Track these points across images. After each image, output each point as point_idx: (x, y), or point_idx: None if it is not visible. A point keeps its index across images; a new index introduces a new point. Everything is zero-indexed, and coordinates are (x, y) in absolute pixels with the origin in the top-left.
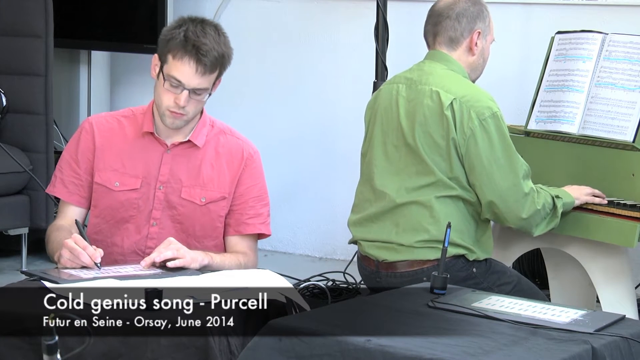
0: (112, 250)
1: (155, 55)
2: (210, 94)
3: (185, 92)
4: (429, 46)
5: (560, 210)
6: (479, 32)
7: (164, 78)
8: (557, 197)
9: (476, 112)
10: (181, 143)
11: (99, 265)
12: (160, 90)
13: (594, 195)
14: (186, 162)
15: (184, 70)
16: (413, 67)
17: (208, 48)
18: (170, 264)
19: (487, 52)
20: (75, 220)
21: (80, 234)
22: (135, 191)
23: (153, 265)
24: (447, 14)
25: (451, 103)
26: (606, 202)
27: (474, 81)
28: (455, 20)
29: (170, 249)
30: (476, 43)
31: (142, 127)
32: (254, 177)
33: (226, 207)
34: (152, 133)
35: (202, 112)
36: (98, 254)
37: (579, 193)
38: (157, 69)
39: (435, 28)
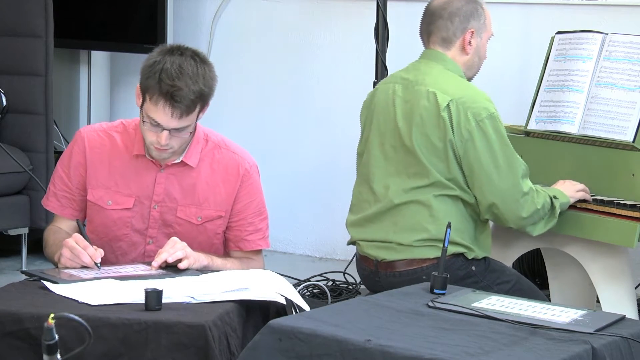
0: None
1: (138, 85)
2: (195, 128)
3: (166, 132)
4: (424, 45)
5: (558, 211)
6: (472, 32)
7: (143, 116)
8: (555, 197)
9: (473, 114)
10: (174, 163)
11: (99, 265)
12: (142, 126)
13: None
14: (180, 181)
15: (160, 114)
16: (409, 67)
17: (183, 94)
18: (179, 265)
19: (483, 50)
20: (77, 220)
21: (81, 233)
22: (128, 210)
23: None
24: (439, 13)
25: (448, 105)
26: (591, 199)
27: (470, 79)
28: (447, 20)
29: (179, 249)
30: (470, 42)
31: (133, 147)
32: (252, 193)
33: (223, 225)
34: (144, 155)
35: (194, 128)
36: (99, 254)
37: (572, 191)
38: (140, 102)
39: (429, 27)
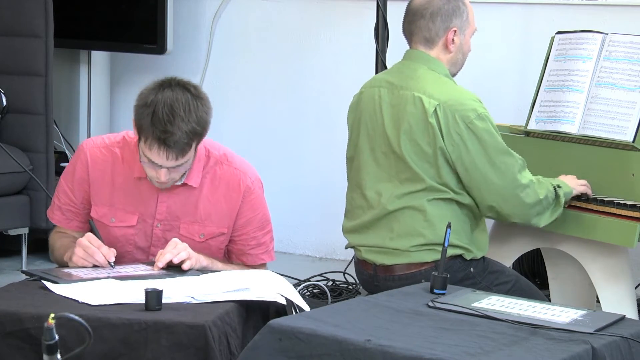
0: None
1: (134, 120)
2: (194, 157)
3: (164, 169)
4: (408, 43)
5: (563, 200)
6: (455, 30)
7: (140, 154)
8: (558, 186)
9: (461, 117)
10: (177, 184)
11: (112, 264)
12: (141, 161)
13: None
14: (183, 199)
15: (155, 156)
16: (393, 69)
17: (176, 138)
18: (182, 266)
19: (466, 46)
20: (90, 220)
21: (93, 232)
22: (131, 228)
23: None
24: (421, 13)
25: (435, 110)
26: (591, 194)
27: (455, 74)
28: (429, 20)
29: (181, 249)
30: (453, 40)
31: (135, 166)
32: (254, 208)
33: (226, 240)
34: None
35: (194, 157)
36: (112, 253)
37: (574, 184)
38: (137, 137)
39: (410, 27)
